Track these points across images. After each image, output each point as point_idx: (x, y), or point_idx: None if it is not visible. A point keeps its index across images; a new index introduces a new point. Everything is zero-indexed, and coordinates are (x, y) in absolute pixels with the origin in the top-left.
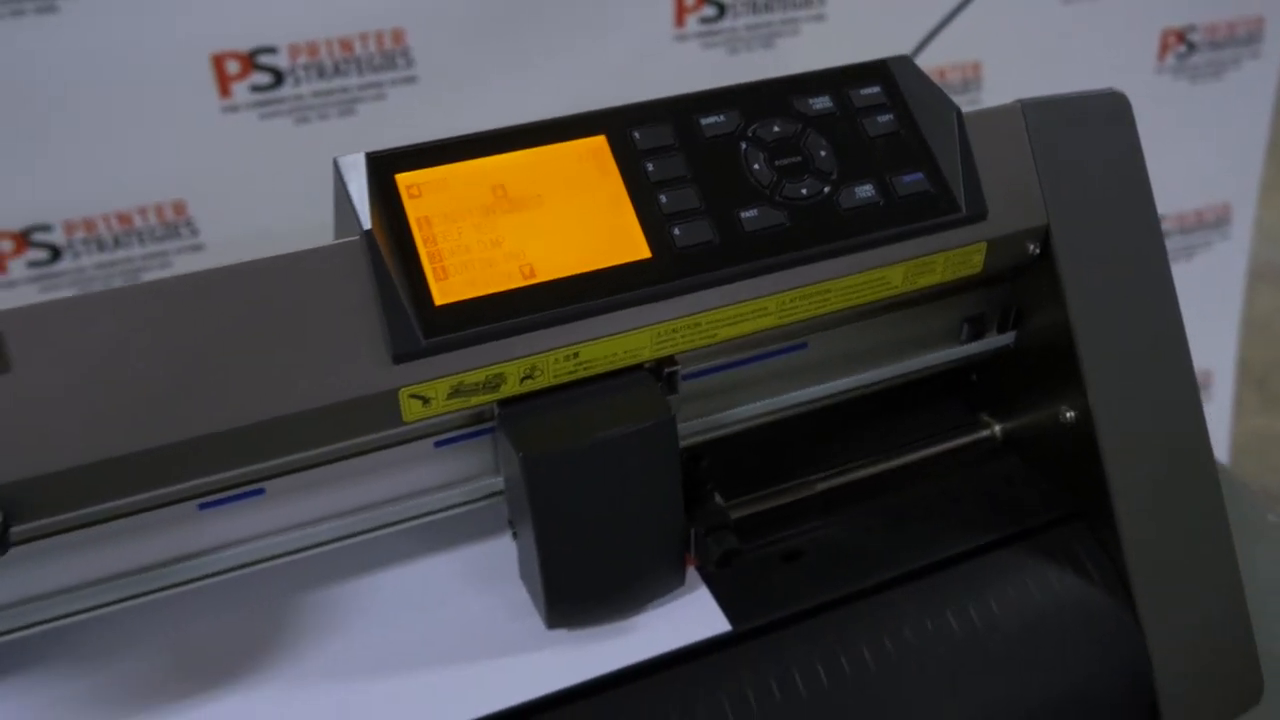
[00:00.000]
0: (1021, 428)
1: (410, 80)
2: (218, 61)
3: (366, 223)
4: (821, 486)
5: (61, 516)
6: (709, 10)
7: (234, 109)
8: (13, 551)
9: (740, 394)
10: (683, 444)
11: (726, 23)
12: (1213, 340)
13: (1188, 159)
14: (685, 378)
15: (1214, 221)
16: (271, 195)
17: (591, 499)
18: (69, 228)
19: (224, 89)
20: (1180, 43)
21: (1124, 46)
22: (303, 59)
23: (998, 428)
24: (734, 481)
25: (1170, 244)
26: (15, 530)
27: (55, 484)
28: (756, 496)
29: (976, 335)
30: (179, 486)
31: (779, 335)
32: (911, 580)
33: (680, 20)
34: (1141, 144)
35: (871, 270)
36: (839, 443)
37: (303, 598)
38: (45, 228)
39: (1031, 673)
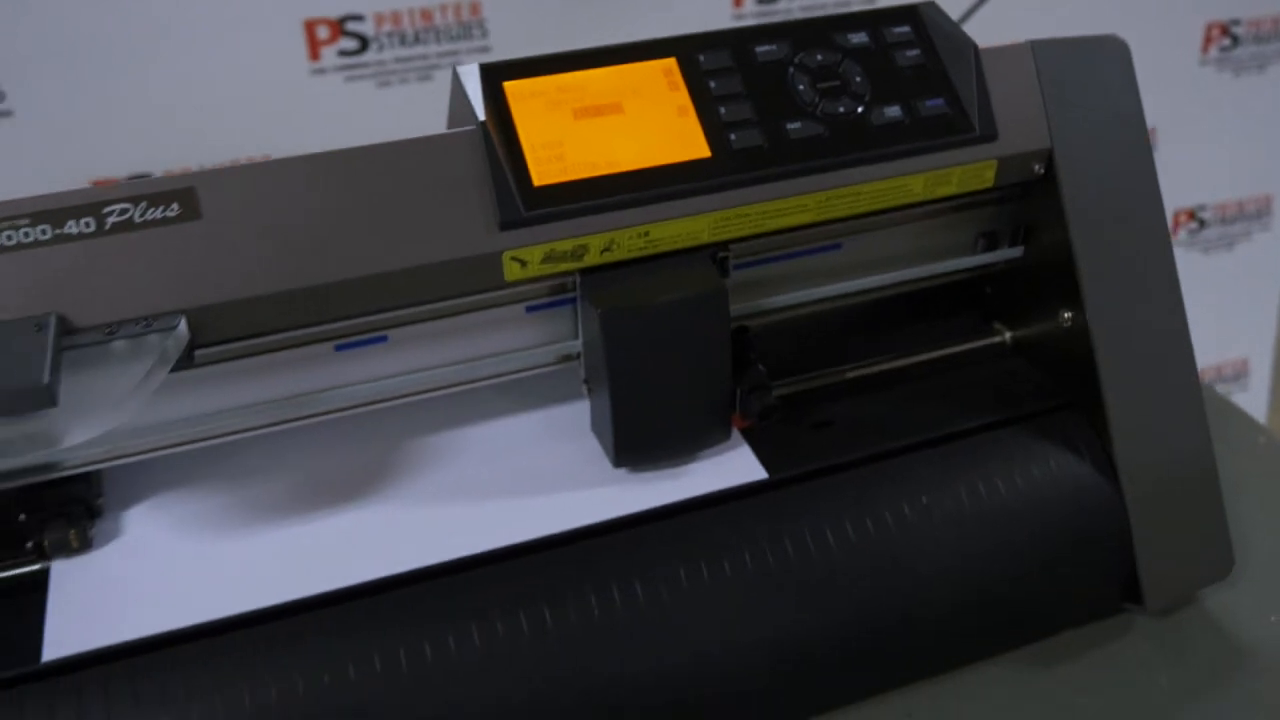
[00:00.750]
0: (1028, 333)
1: (484, 50)
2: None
3: (481, 115)
4: (851, 375)
5: (231, 345)
6: None
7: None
8: (184, 374)
9: (781, 285)
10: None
11: (782, 4)
12: (1251, 330)
13: (1230, 150)
14: (736, 267)
15: (1255, 212)
16: None
17: (655, 354)
18: None
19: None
20: (1224, 35)
21: (1168, 39)
22: (387, 26)
23: (1008, 334)
24: (775, 368)
25: (1210, 234)
26: (196, 353)
27: (231, 312)
28: (793, 380)
29: (990, 249)
30: (323, 327)
31: (816, 235)
32: (925, 448)
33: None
34: (1179, 128)
35: (896, 178)
36: (867, 340)
37: (411, 439)
38: None
39: (1026, 535)
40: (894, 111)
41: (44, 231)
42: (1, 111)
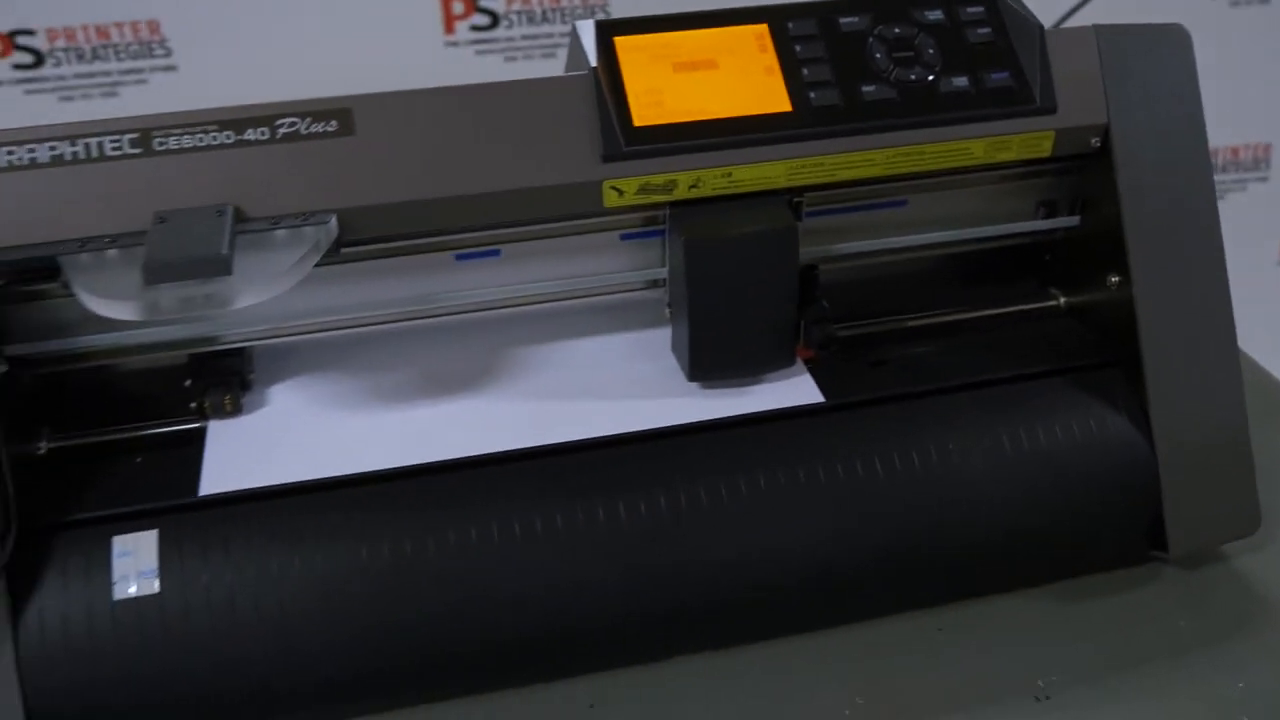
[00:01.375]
0: (1080, 298)
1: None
2: None
3: (593, 62)
4: (910, 323)
5: (371, 245)
6: None
7: None
8: (329, 270)
9: (851, 234)
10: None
11: None
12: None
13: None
14: (809, 214)
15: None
16: None
17: (731, 281)
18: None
19: None
20: None
21: None
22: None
23: (1062, 299)
24: (840, 311)
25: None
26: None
27: (373, 214)
28: (856, 323)
29: (1049, 217)
30: (446, 237)
31: (884, 190)
32: (972, 389)
33: None
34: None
35: (958, 141)
36: (928, 294)
37: (514, 348)
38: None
39: (1060, 477)
40: (961, 81)
41: (228, 137)
42: (168, 66)
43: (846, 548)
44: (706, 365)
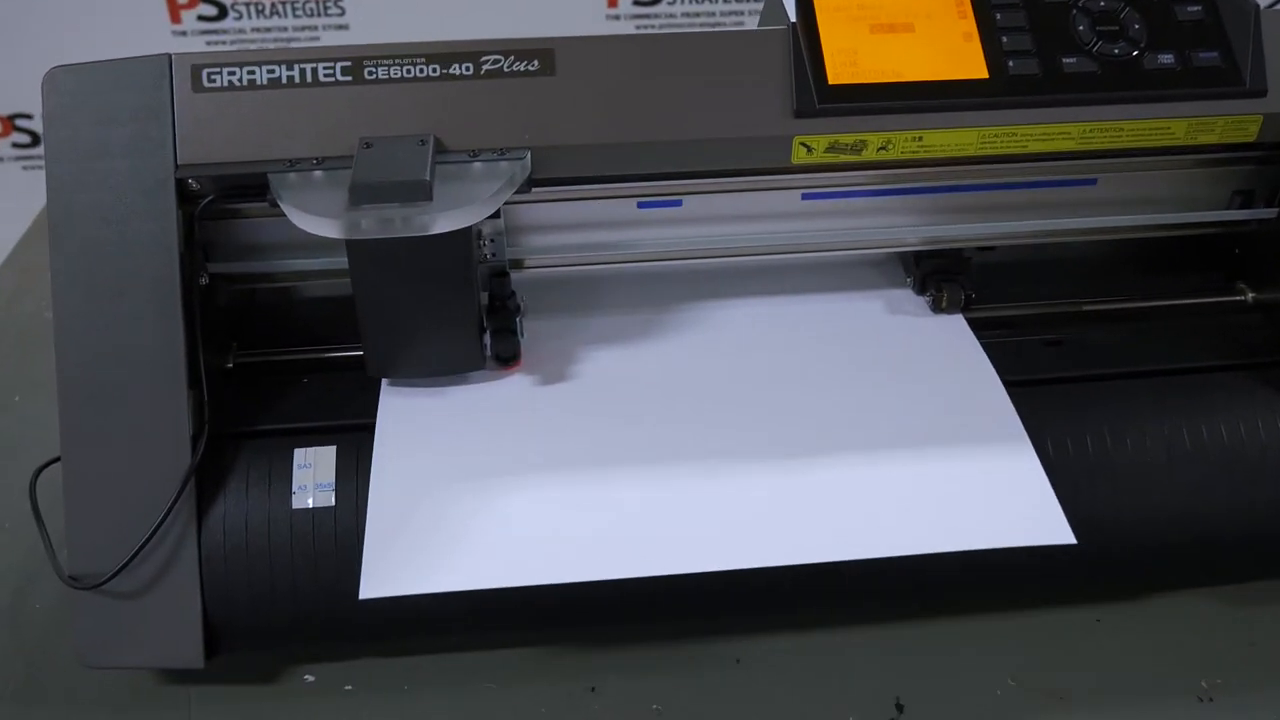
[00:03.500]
0: (1272, 295)
1: None
2: None
3: (792, 18)
4: (1088, 308)
5: (562, 185)
6: None
7: None
8: (515, 207)
9: (1038, 211)
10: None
11: None
12: None
13: None
14: (998, 187)
15: None
16: None
17: (397, 279)
18: None
19: None
20: None
21: None
22: None
23: (1250, 295)
24: (1020, 290)
25: None
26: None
27: (567, 154)
28: (1033, 303)
29: (1244, 207)
30: (632, 184)
31: (1076, 167)
32: (1148, 376)
33: None
34: None
35: (1160, 119)
36: (1110, 279)
37: (690, 303)
38: None
39: (1235, 475)
40: (1167, 58)
41: (434, 70)
42: (340, 25)
43: None
44: (384, 362)
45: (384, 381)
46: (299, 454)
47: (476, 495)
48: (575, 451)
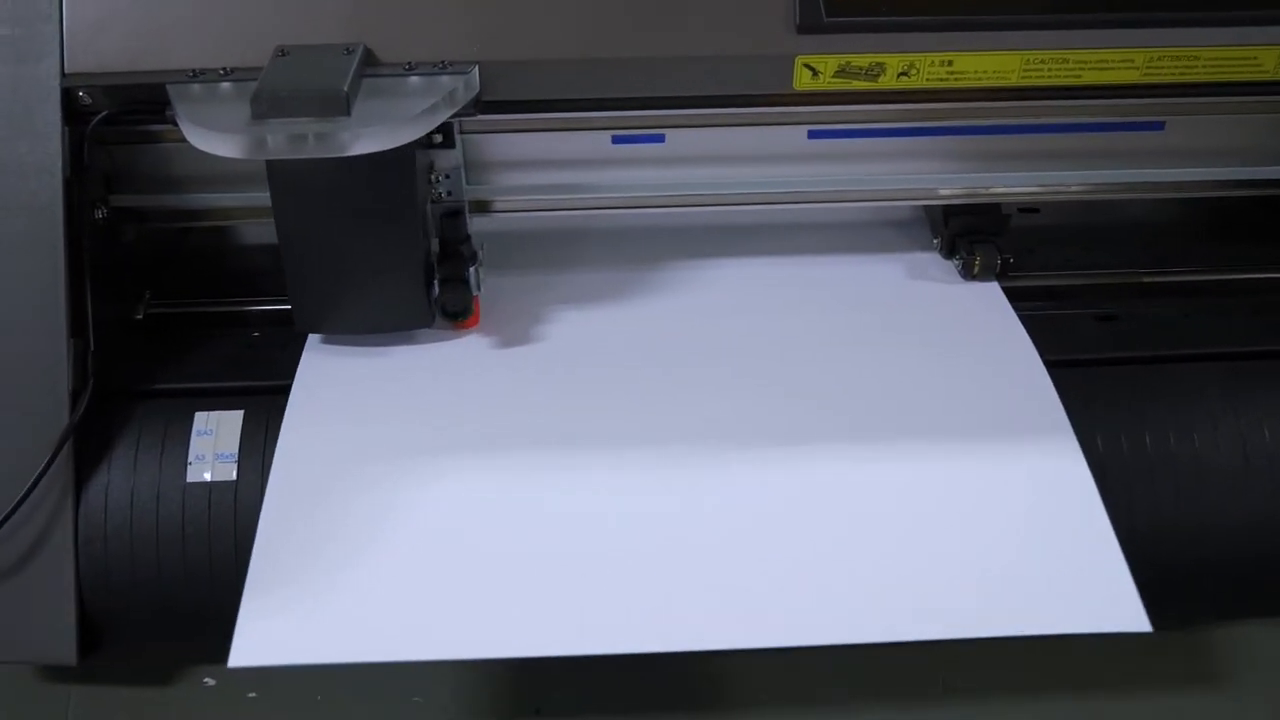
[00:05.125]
0: None
1: None
2: None
3: None
4: (1149, 279)
5: (518, 115)
6: None
7: None
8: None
9: (1094, 160)
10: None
11: None
12: None
13: None
14: (1043, 130)
15: None
16: None
17: (327, 214)
18: None
19: None
20: None
21: None
22: None
23: None
24: (1069, 256)
25: None
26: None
27: (521, 71)
28: (1084, 272)
29: None
30: (606, 113)
31: (1139, 108)
32: (1219, 360)
33: None
34: None
35: (1245, 46)
36: (1180, 247)
37: (675, 262)
38: None
39: None
40: None
41: None
42: None
43: None
44: (313, 315)
45: (311, 339)
46: (200, 418)
47: (389, 517)
48: (523, 440)
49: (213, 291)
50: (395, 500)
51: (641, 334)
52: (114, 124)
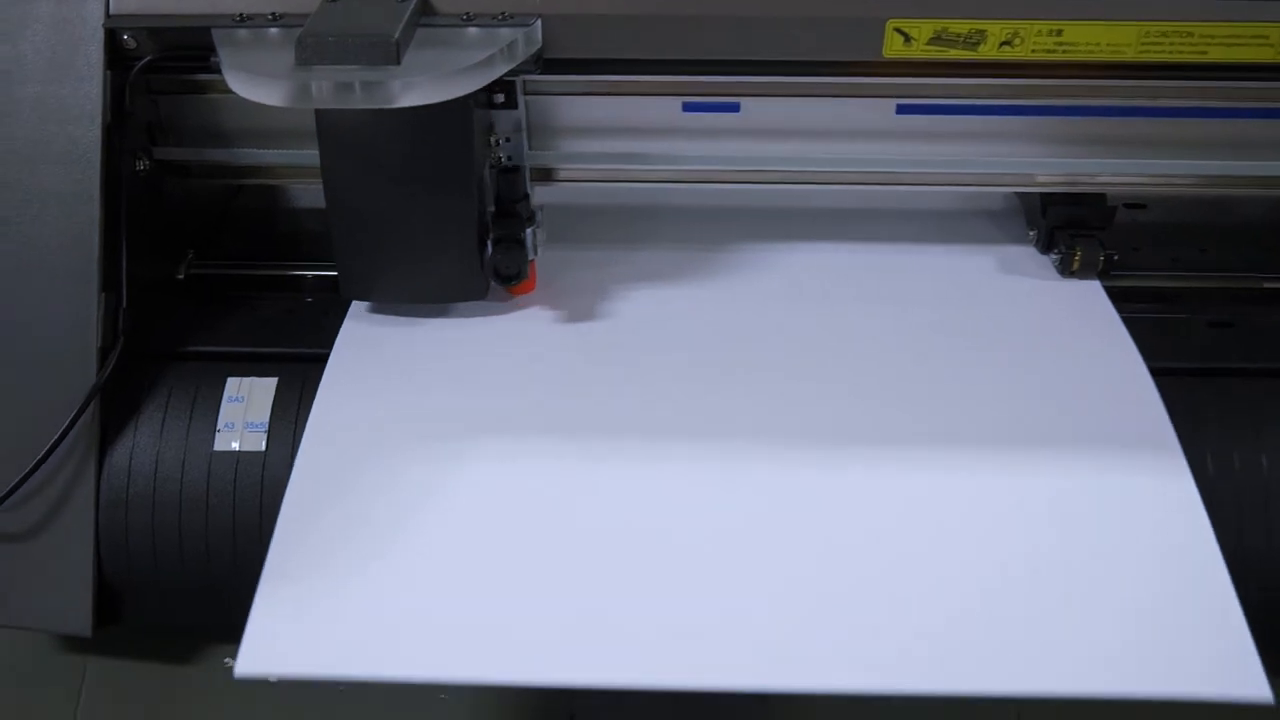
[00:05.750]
0: None
1: None
2: None
3: None
4: (1270, 285)
5: (582, 75)
6: None
7: None
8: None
9: (1216, 149)
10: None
11: None
12: None
13: None
14: (1161, 114)
15: None
16: None
17: (377, 168)
18: None
19: None
20: None
21: None
22: None
23: None
24: (1182, 257)
25: None
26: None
27: (587, 25)
28: (1197, 274)
29: None
30: (676, 77)
31: (1272, 93)
32: None
33: None
34: None
35: None
36: None
37: (748, 243)
38: None
39: None
40: None
41: None
42: None
43: None
44: (359, 281)
45: (354, 306)
46: (232, 384)
47: (420, 514)
48: (574, 431)
49: (262, 254)
50: (428, 495)
51: (707, 320)
52: (158, 71)
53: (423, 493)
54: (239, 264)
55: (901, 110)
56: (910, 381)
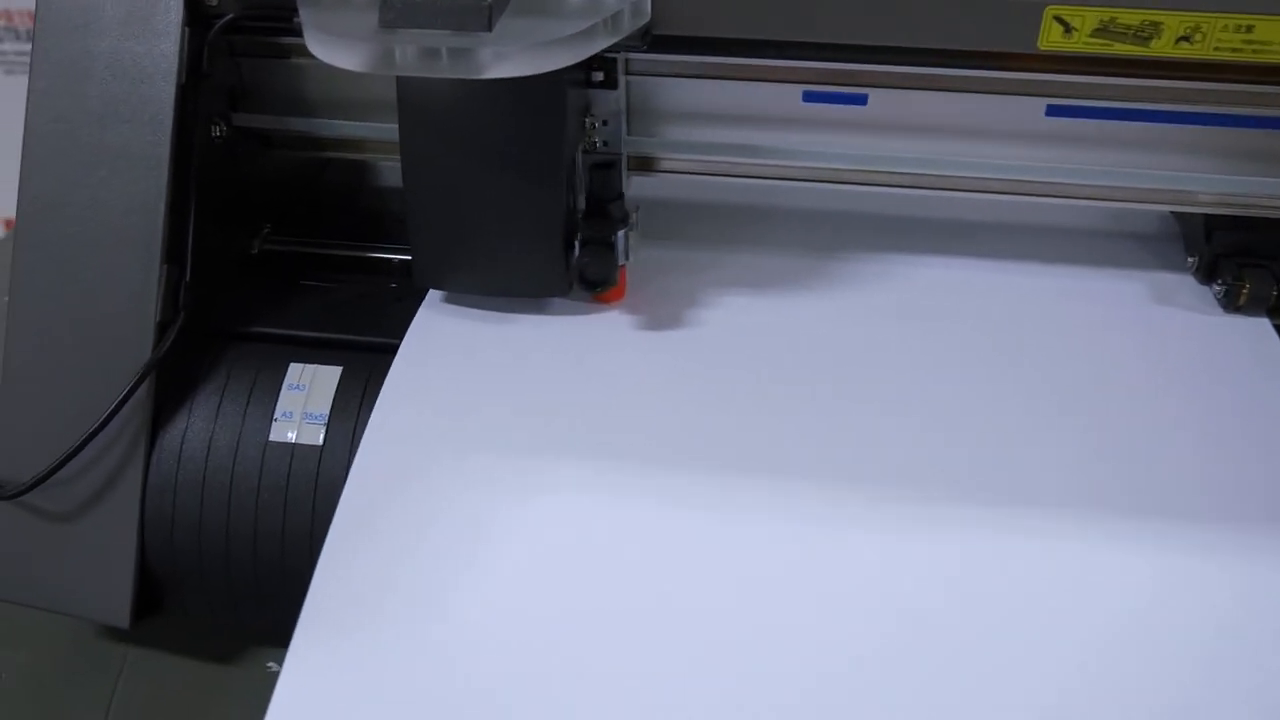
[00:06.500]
0: None
1: None
2: None
3: None
4: None
5: (694, 56)
6: None
7: None
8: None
9: None
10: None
11: None
12: None
13: None
14: None
15: None
16: None
17: (457, 148)
18: None
19: None
20: None
21: None
22: None
23: None
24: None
25: None
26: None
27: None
28: None
29: None
30: (796, 62)
31: None
32: None
33: None
34: None
35: None
36: None
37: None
38: None
39: None
40: None
41: None
42: None
43: None
44: (433, 269)
45: (430, 296)
46: (294, 370)
47: (485, 545)
48: (662, 457)
49: (343, 233)
50: (493, 524)
51: (817, 337)
52: (241, 31)
53: (492, 520)
54: (315, 242)
55: (1052, 111)
56: (1041, 430)
